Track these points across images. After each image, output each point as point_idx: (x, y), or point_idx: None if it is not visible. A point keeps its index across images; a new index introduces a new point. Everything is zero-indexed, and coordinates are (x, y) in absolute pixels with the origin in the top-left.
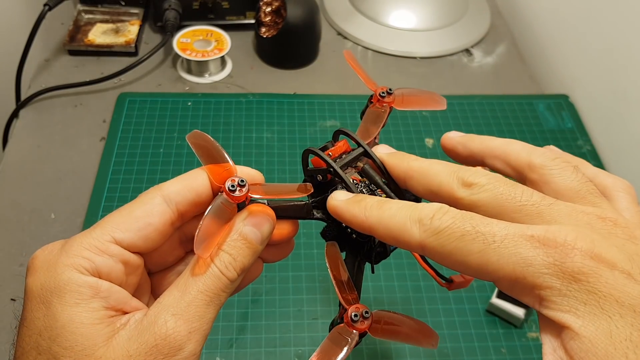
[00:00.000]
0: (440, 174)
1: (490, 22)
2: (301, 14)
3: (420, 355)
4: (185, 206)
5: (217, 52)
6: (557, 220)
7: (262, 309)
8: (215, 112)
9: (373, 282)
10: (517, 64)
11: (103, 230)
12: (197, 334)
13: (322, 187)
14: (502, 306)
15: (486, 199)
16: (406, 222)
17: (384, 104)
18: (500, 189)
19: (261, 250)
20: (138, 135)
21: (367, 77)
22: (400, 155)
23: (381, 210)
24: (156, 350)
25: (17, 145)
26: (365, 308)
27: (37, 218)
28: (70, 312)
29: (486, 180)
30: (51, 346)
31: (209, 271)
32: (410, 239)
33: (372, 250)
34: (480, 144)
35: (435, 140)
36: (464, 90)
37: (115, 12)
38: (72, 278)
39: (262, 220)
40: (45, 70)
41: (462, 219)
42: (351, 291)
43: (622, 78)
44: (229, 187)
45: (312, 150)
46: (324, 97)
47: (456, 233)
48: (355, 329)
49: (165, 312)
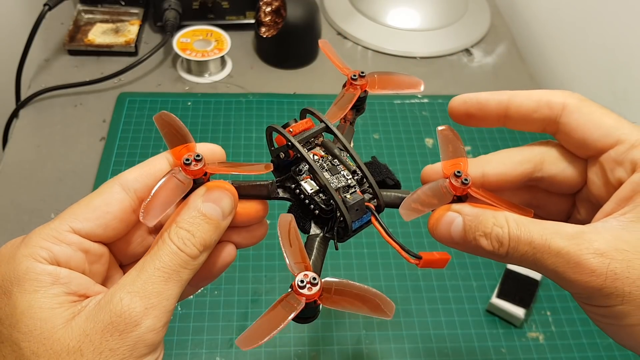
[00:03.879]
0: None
1: (490, 22)
2: (301, 14)
3: (420, 355)
4: (144, 192)
5: (217, 52)
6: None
7: (262, 309)
8: (215, 112)
9: (373, 282)
10: (517, 64)
11: (62, 220)
12: (156, 310)
13: (287, 167)
14: (502, 306)
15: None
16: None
17: (357, 87)
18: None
19: (224, 226)
20: (138, 135)
21: (340, 64)
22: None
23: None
24: (112, 327)
25: (17, 145)
26: (313, 274)
27: (37, 218)
28: (29, 299)
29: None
30: (11, 333)
31: (165, 247)
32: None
33: (334, 226)
34: (498, 104)
35: (435, 140)
36: (464, 90)
37: (115, 12)
38: (30, 267)
39: (221, 195)
40: (45, 70)
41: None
42: (303, 259)
43: (622, 78)
44: (184, 161)
45: (273, 127)
46: (324, 97)
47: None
48: (302, 296)
49: (121, 290)
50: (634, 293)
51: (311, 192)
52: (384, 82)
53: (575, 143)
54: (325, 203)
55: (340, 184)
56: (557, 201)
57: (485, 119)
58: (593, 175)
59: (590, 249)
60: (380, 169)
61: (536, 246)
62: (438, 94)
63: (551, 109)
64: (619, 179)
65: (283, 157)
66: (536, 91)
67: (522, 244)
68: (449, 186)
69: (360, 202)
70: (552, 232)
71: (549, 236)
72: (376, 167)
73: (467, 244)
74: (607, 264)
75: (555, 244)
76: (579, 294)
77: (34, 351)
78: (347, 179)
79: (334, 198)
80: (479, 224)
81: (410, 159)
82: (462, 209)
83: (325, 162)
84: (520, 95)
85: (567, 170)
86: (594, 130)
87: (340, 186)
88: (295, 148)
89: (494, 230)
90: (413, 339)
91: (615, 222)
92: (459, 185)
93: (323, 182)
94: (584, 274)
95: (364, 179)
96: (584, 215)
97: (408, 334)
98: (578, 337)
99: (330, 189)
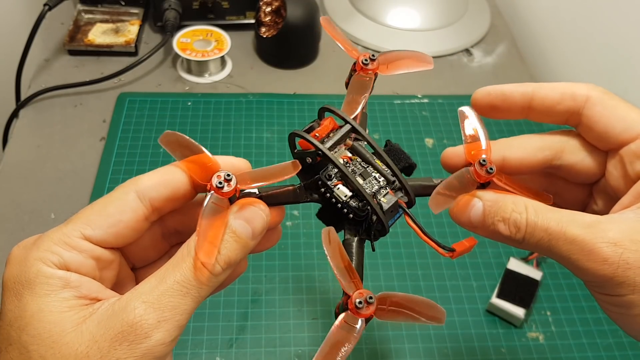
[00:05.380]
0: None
1: (490, 22)
2: (301, 14)
3: (420, 355)
4: (160, 202)
5: (217, 52)
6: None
7: (262, 309)
8: (215, 112)
9: (373, 282)
10: (517, 64)
11: (74, 226)
12: (168, 324)
13: (312, 169)
14: (502, 306)
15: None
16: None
17: (368, 72)
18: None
19: (252, 246)
20: (138, 135)
21: (347, 45)
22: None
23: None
24: (121, 337)
25: (17, 145)
26: (369, 293)
27: (37, 218)
28: (39, 302)
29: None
30: (20, 335)
31: (188, 261)
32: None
33: (370, 227)
34: (523, 96)
35: (435, 140)
36: (464, 90)
37: (115, 12)
38: (41, 270)
39: (254, 215)
40: (45, 70)
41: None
42: (353, 276)
43: (622, 78)
44: (217, 185)
45: (298, 133)
46: (324, 97)
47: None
48: (360, 315)
49: (136, 299)
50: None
51: (345, 199)
52: (395, 63)
53: (596, 135)
54: (360, 208)
55: (374, 188)
56: (574, 190)
57: (509, 111)
58: (612, 168)
59: (605, 238)
60: (399, 155)
61: (552, 233)
62: (438, 94)
63: (575, 100)
64: (638, 172)
65: (310, 161)
66: (560, 83)
67: (538, 230)
68: (473, 174)
69: (395, 205)
70: (569, 220)
71: (565, 224)
72: (395, 154)
73: (486, 228)
74: (620, 254)
75: (570, 231)
76: (591, 282)
77: (41, 354)
78: (378, 181)
79: (371, 205)
80: (498, 209)
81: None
82: (483, 195)
83: (355, 165)
84: (544, 87)
85: (586, 161)
86: (617, 123)
87: (374, 190)
88: (328, 158)
89: (512, 216)
90: (413, 339)
91: (632, 214)
92: (484, 174)
93: (358, 188)
94: (597, 262)
95: (394, 178)
96: (601, 207)
97: (408, 334)
98: (578, 337)
99: (367, 196)
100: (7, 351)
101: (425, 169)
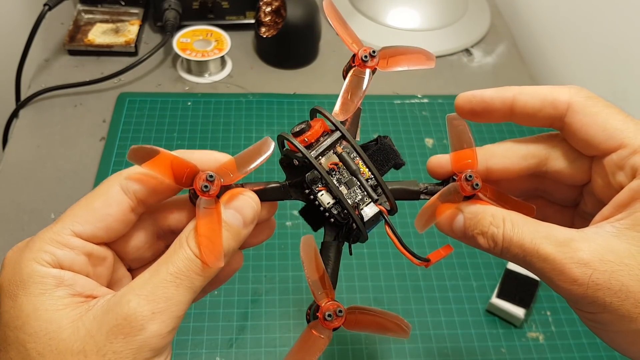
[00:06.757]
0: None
1: (490, 22)
2: (301, 14)
3: (420, 355)
4: (143, 194)
5: (217, 52)
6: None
7: (262, 309)
8: (215, 112)
9: (373, 282)
10: (517, 64)
11: (64, 224)
12: (163, 315)
13: (299, 168)
14: (502, 306)
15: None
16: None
17: (366, 68)
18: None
19: (245, 235)
20: (138, 135)
21: (348, 37)
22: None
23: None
24: (117, 330)
25: (17, 145)
26: (339, 306)
27: (37, 218)
28: (34, 301)
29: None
30: (18, 335)
31: (180, 252)
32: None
33: (350, 232)
34: (503, 103)
35: (435, 140)
36: (463, 90)
37: (115, 12)
38: (34, 270)
39: (244, 204)
40: (45, 70)
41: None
42: (325, 286)
43: (622, 78)
44: (202, 189)
45: (286, 137)
46: (324, 97)
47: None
48: (329, 327)
49: (130, 292)
50: (615, 304)
51: (328, 206)
52: (395, 58)
53: (579, 143)
54: (342, 216)
55: (357, 198)
56: (566, 189)
57: (490, 117)
58: (596, 176)
59: (575, 258)
60: (387, 154)
61: (526, 249)
62: (438, 94)
63: (556, 109)
64: (619, 183)
65: (297, 164)
66: (542, 88)
67: (513, 245)
68: (459, 188)
69: (377, 215)
70: (543, 236)
71: (538, 241)
72: (384, 153)
73: (468, 240)
74: (589, 274)
75: (543, 249)
76: (566, 299)
77: (39, 352)
78: (362, 190)
79: (352, 215)
80: (477, 223)
81: (410, 159)
82: (465, 208)
83: (341, 173)
84: (525, 94)
85: (572, 167)
86: (598, 133)
87: (357, 200)
88: (315, 168)
89: (490, 230)
90: (413, 339)
91: (610, 228)
92: (469, 190)
93: (340, 197)
94: (567, 282)
95: (378, 186)
96: (590, 207)
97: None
98: (578, 337)
99: (348, 208)
100: (6, 351)
101: (425, 169)
